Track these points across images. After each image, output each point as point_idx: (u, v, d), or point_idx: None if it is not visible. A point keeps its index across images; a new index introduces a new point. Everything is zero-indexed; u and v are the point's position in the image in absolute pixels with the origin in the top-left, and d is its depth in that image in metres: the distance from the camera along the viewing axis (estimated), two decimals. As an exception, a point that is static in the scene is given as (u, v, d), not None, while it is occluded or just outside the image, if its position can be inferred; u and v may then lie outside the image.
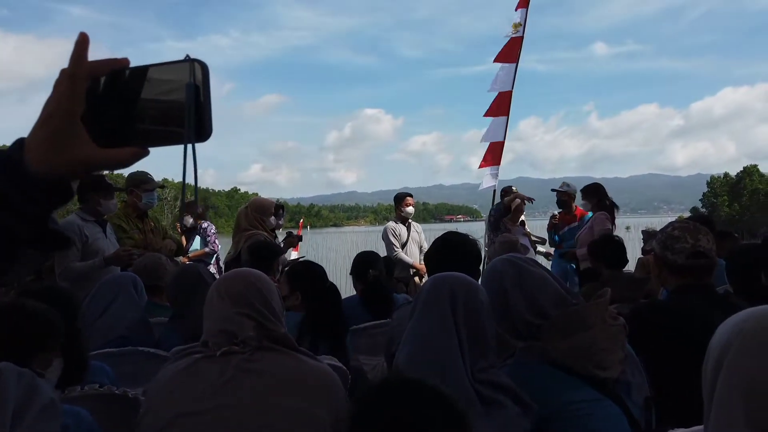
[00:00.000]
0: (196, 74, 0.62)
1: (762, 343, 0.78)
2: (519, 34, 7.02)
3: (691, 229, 2.04)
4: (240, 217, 4.24)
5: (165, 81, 0.63)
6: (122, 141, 0.63)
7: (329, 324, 2.40)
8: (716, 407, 0.80)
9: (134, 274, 2.68)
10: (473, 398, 1.34)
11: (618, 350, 1.51)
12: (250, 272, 1.62)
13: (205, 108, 0.62)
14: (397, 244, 5.55)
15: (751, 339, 0.79)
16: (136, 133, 0.63)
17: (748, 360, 0.78)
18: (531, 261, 1.70)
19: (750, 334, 0.79)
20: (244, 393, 1.37)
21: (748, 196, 59.56)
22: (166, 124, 0.62)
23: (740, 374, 0.78)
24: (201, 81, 0.62)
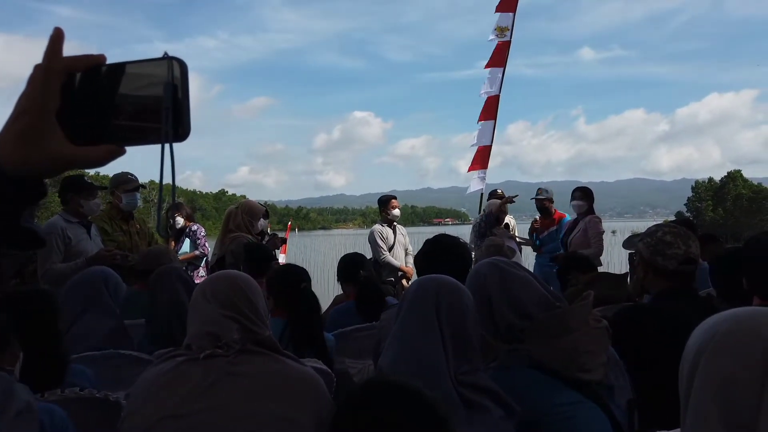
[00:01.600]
0: (175, 72, 0.61)
1: (736, 345, 0.79)
2: (506, 38, 7.07)
3: (682, 234, 2.05)
4: (229, 218, 4.21)
5: (143, 79, 0.61)
6: (98, 139, 0.62)
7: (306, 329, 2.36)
8: (692, 408, 0.81)
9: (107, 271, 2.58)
10: (456, 401, 1.34)
11: (601, 353, 1.51)
12: (236, 274, 1.60)
13: (184, 107, 0.61)
14: (384, 247, 5.54)
15: (726, 341, 0.79)
16: (113, 132, 0.62)
17: (722, 361, 0.79)
18: (514, 264, 1.70)
19: (724, 336, 0.80)
20: (227, 397, 1.35)
21: (732, 200, 60.32)
22: (143, 123, 0.61)
23: (715, 376, 0.79)
24: (179, 79, 0.61)
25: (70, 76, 0.62)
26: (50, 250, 3.60)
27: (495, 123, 7.30)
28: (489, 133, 7.31)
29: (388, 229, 5.65)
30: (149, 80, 0.61)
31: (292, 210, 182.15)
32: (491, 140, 7.31)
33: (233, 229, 3.99)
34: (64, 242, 3.68)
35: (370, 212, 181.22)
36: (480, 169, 7.46)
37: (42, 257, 3.61)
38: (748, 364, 0.76)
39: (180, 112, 0.60)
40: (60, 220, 3.74)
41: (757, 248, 2.09)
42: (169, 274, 2.62)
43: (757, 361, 0.76)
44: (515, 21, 7.09)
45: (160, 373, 1.42)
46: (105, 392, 1.82)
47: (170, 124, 0.59)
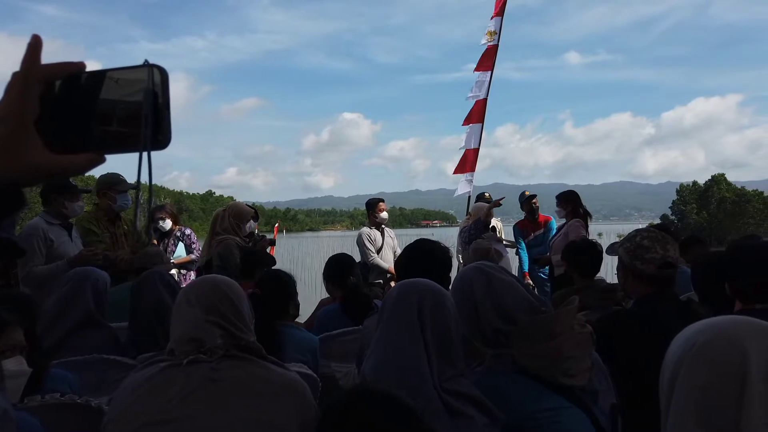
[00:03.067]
0: (155, 80, 0.60)
1: (714, 355, 0.79)
2: (494, 42, 7.11)
3: (660, 239, 2.07)
4: (216, 220, 4.16)
5: (123, 86, 0.61)
6: (77, 147, 0.61)
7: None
8: (672, 417, 0.82)
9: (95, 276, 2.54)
10: (440, 409, 1.33)
11: (585, 358, 1.52)
12: (220, 279, 1.59)
13: (164, 115, 0.60)
14: (372, 250, 5.55)
15: (704, 351, 0.80)
16: (92, 140, 0.61)
17: (701, 371, 0.79)
18: (500, 268, 1.71)
19: (703, 345, 0.81)
20: (209, 403, 1.34)
21: (716, 204, 61.05)
22: (123, 130, 0.60)
23: (694, 385, 0.79)
24: (160, 87, 0.60)
25: (49, 84, 0.61)
26: (32, 253, 3.55)
27: (483, 126, 7.33)
28: (477, 137, 7.34)
29: (376, 231, 5.67)
30: (129, 88, 0.61)
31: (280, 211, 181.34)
32: (479, 143, 7.34)
33: (220, 232, 3.95)
34: (45, 244, 3.63)
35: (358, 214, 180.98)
36: (468, 172, 7.48)
37: (23, 259, 3.56)
38: (726, 374, 0.77)
39: (160, 120, 0.60)
40: (41, 222, 3.69)
41: (739, 253, 2.11)
42: (153, 278, 2.60)
43: (734, 370, 0.77)
44: (503, 24, 7.14)
45: (142, 379, 1.41)
46: (86, 398, 1.80)
47: (150, 131, 0.59)
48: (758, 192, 62.37)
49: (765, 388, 0.75)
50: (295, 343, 2.40)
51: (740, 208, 58.88)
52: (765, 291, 1.93)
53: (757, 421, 0.73)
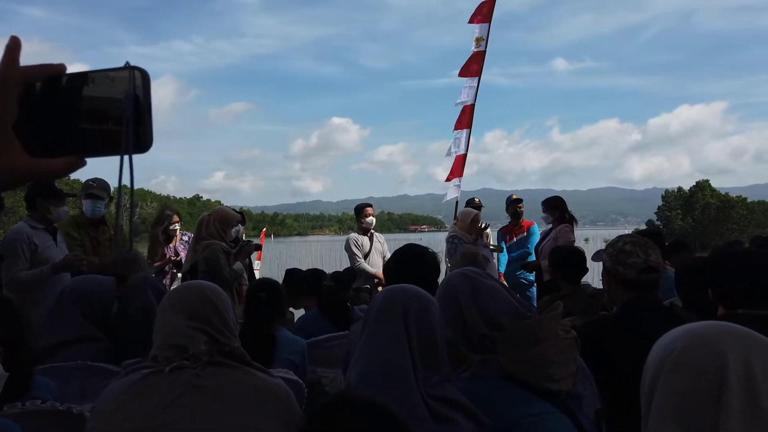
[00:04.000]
0: (137, 82, 0.60)
1: (693, 361, 0.80)
2: (481, 48, 7.15)
3: (641, 243, 2.08)
4: (201, 225, 4.13)
5: (104, 89, 0.60)
6: (57, 150, 0.60)
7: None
8: (652, 420, 0.82)
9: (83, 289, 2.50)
10: (425, 415, 1.33)
11: (570, 363, 1.53)
12: (204, 285, 1.58)
13: (145, 118, 0.60)
14: (359, 255, 5.57)
15: (683, 357, 0.81)
16: (72, 143, 0.61)
17: (680, 377, 0.80)
18: (485, 274, 1.71)
19: (682, 351, 0.82)
20: (192, 410, 1.33)
21: (700, 209, 61.77)
22: (104, 134, 0.60)
23: (673, 390, 0.80)
24: (141, 90, 0.60)
25: (29, 86, 0.60)
26: (16, 257, 3.51)
27: (470, 132, 7.37)
28: (465, 142, 7.37)
29: (363, 237, 5.69)
30: (110, 90, 0.60)
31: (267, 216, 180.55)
32: (467, 149, 7.37)
33: (206, 237, 3.92)
34: (30, 249, 3.58)
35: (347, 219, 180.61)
36: (456, 177, 7.51)
37: (7, 264, 3.52)
38: (705, 380, 0.78)
39: (142, 123, 0.59)
40: (25, 227, 3.64)
41: (722, 259, 2.13)
42: (143, 284, 2.57)
43: (713, 376, 0.77)
44: (490, 31, 7.18)
45: (125, 386, 1.39)
46: (68, 405, 1.77)
47: (131, 135, 0.58)
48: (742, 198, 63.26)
49: (743, 394, 0.76)
50: (286, 345, 2.42)
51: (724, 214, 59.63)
52: (747, 296, 1.95)
53: (734, 426, 0.74)
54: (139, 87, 0.60)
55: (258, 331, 2.18)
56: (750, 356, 0.77)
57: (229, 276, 3.81)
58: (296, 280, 3.43)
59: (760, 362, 0.77)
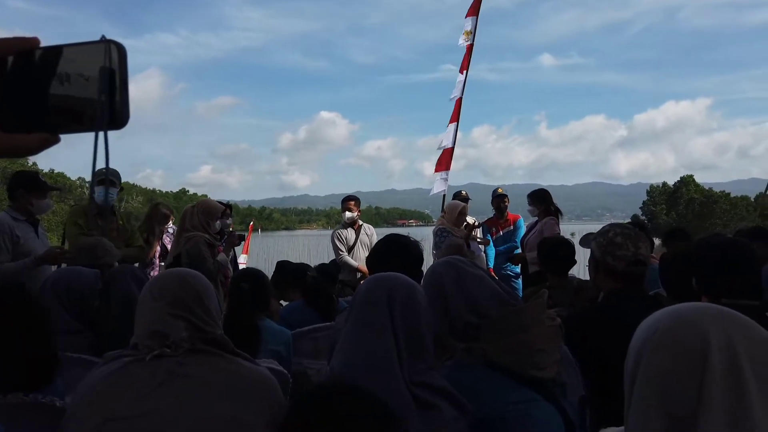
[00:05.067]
0: (113, 56, 0.58)
1: (676, 341, 0.80)
2: (470, 41, 7.17)
3: (632, 236, 2.09)
4: (185, 217, 4.09)
5: (79, 63, 0.58)
6: (30, 126, 0.59)
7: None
8: (634, 403, 0.82)
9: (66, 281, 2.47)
10: (409, 401, 1.33)
11: (554, 351, 1.53)
12: (185, 272, 1.56)
13: (122, 93, 0.58)
14: (342, 248, 5.60)
15: (666, 337, 0.81)
16: (46, 119, 0.59)
17: (662, 357, 0.80)
18: (470, 263, 1.71)
19: (665, 332, 0.82)
20: (174, 398, 1.31)
21: (684, 204, 62.43)
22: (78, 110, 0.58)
23: (655, 371, 0.80)
24: (117, 64, 0.58)
25: (1, 61, 0.58)
26: (-2, 249, 3.46)
27: (457, 125, 7.38)
28: (452, 136, 7.39)
29: (348, 230, 5.71)
30: (86, 65, 0.58)
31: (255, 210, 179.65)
32: (453, 142, 7.39)
33: (189, 229, 3.88)
34: (12, 241, 3.54)
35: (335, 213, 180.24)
36: (444, 170, 7.53)
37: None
38: (687, 360, 0.78)
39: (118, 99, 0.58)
40: (7, 218, 3.59)
41: (706, 249, 2.16)
42: (123, 273, 2.54)
43: (696, 356, 0.78)
44: (477, 24, 7.19)
45: (105, 375, 1.37)
46: (51, 397, 1.74)
47: (106, 110, 0.57)
48: (725, 193, 64.04)
49: (725, 374, 0.76)
50: (271, 335, 2.41)
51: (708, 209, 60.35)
52: (730, 286, 1.98)
53: (716, 406, 0.74)
54: (114, 61, 0.58)
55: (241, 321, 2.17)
56: (733, 336, 0.78)
57: (213, 268, 3.78)
58: (285, 272, 3.42)
59: (743, 343, 0.77)
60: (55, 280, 2.44)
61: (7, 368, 1.60)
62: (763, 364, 0.76)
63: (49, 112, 0.58)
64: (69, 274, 2.51)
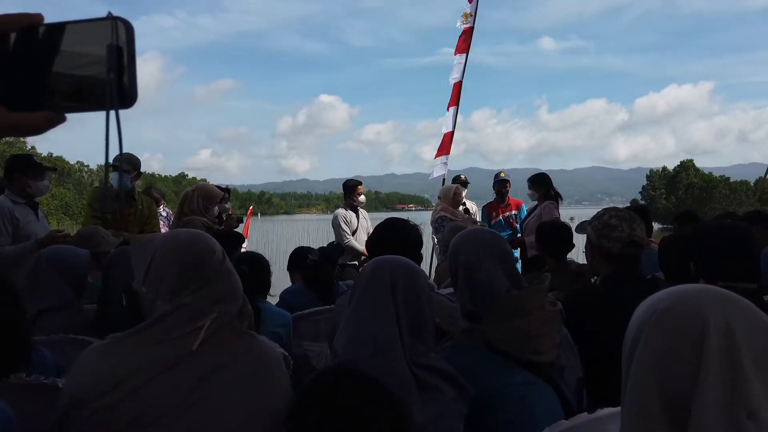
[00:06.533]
0: (120, 34, 0.56)
1: (674, 321, 0.81)
2: (470, 24, 7.10)
3: (627, 218, 2.10)
4: (184, 201, 4.07)
5: (85, 41, 0.57)
6: (35, 105, 0.58)
7: None
8: (631, 383, 0.83)
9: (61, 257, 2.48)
10: (411, 382, 1.34)
11: (554, 335, 1.55)
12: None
13: (130, 71, 0.57)
14: (348, 231, 5.55)
15: (665, 318, 0.82)
16: (51, 97, 0.58)
17: (661, 338, 0.81)
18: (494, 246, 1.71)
19: (663, 313, 0.82)
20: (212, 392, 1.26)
21: (684, 189, 62.41)
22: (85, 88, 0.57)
23: (653, 350, 0.81)
24: (125, 42, 0.57)
25: (3, 37, 0.58)
26: (-2, 232, 3.46)
27: (457, 109, 7.34)
28: (452, 119, 7.35)
29: (351, 213, 5.67)
30: (92, 42, 0.57)
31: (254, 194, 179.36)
32: (453, 126, 7.35)
33: (188, 213, 3.86)
34: (12, 224, 3.53)
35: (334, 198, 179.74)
36: (444, 154, 7.50)
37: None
38: (685, 341, 0.79)
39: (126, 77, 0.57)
40: (6, 201, 3.58)
41: (704, 232, 2.16)
42: (125, 257, 2.55)
43: (694, 338, 0.78)
44: (478, 7, 7.12)
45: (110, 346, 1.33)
46: (53, 378, 1.76)
47: (115, 89, 0.56)
48: (725, 178, 63.96)
49: (723, 356, 0.77)
50: (271, 318, 2.43)
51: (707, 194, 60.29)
52: (728, 269, 1.98)
53: (713, 387, 0.75)
54: (122, 39, 0.57)
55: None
56: (732, 319, 0.78)
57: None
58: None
59: (741, 325, 0.78)
60: (49, 254, 2.45)
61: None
62: (761, 346, 0.77)
63: (53, 91, 0.58)
64: (62, 250, 2.53)
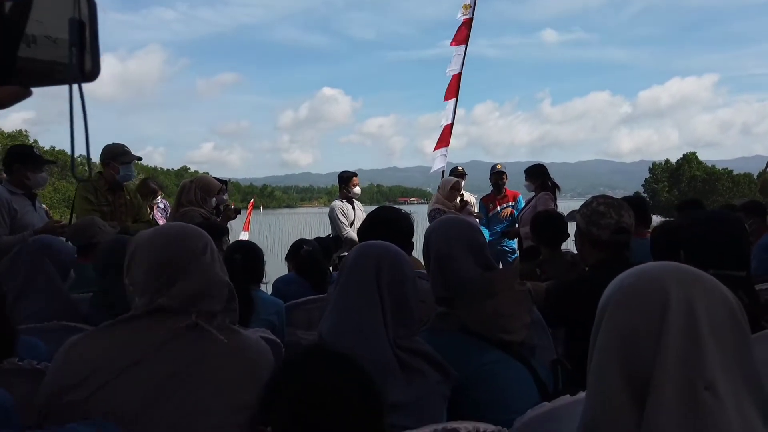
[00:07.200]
0: (82, 9, 0.58)
1: (637, 296, 0.82)
2: (469, 15, 7.07)
3: (615, 205, 2.11)
4: (182, 192, 4.10)
5: (49, 17, 0.58)
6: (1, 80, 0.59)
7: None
8: (596, 353, 0.85)
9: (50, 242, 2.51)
10: (395, 366, 1.36)
11: (524, 315, 1.57)
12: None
13: (92, 46, 0.58)
14: (346, 223, 5.56)
15: (629, 293, 0.83)
16: (17, 72, 0.59)
17: (623, 314, 0.82)
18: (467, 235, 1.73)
19: (628, 288, 0.84)
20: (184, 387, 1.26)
21: (686, 182, 62.21)
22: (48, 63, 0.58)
23: (618, 323, 0.83)
24: (87, 17, 0.58)
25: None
26: (-4, 222, 3.49)
27: (456, 101, 7.33)
28: (451, 112, 7.34)
29: (347, 204, 5.68)
30: (56, 18, 0.58)
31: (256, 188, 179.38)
32: (453, 118, 7.34)
33: (185, 204, 3.88)
34: (9, 214, 3.56)
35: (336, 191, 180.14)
36: (443, 147, 7.50)
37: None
38: (646, 316, 0.80)
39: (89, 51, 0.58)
40: (4, 191, 3.60)
41: (694, 221, 2.18)
42: (121, 244, 2.57)
43: (656, 313, 0.80)
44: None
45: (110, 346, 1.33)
46: (45, 363, 1.77)
47: (76, 63, 0.57)
48: (728, 171, 63.74)
49: (682, 332, 0.78)
50: (264, 305, 2.45)
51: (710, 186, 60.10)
52: (717, 258, 2.00)
53: (671, 363, 0.76)
54: (84, 14, 0.58)
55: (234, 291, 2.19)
56: (693, 295, 0.79)
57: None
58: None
59: (702, 302, 0.79)
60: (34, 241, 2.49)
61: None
62: (721, 323, 0.78)
63: (19, 66, 0.59)
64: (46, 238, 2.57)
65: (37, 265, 2.35)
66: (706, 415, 0.73)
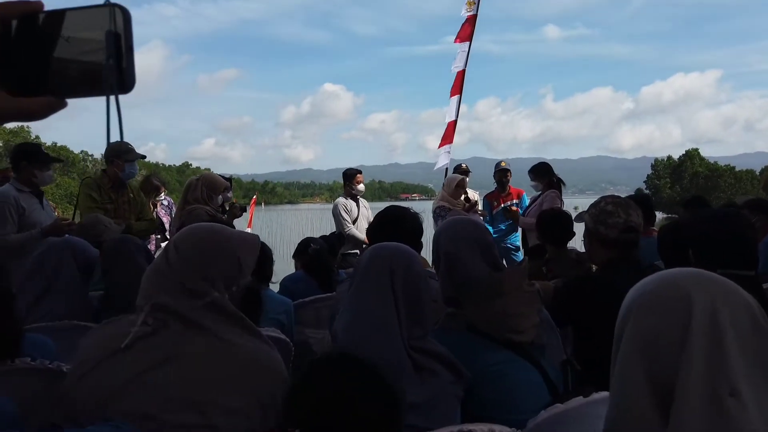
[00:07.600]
0: (117, 21, 0.58)
1: (661, 304, 0.83)
2: (473, 12, 7.06)
3: (623, 204, 2.11)
4: (188, 190, 4.10)
5: (84, 27, 0.59)
6: (36, 91, 0.59)
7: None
8: (620, 359, 0.85)
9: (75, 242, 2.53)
10: (408, 366, 1.37)
11: (533, 315, 1.58)
12: None
13: (128, 57, 0.59)
14: (348, 220, 5.56)
15: (652, 300, 0.84)
16: (52, 83, 0.59)
17: (648, 320, 0.83)
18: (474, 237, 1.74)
19: (651, 294, 0.84)
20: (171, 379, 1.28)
21: (688, 178, 62.10)
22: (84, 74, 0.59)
23: (641, 329, 0.83)
24: (122, 28, 0.58)
25: (5, 24, 0.59)
26: (4, 220, 3.49)
27: (460, 98, 7.33)
28: (455, 108, 7.34)
29: (351, 202, 5.67)
30: (91, 29, 0.58)
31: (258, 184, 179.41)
32: (456, 115, 7.34)
33: (191, 201, 3.89)
34: (17, 212, 3.57)
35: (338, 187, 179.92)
36: (447, 144, 7.50)
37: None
38: (671, 322, 0.80)
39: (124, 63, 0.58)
40: (12, 189, 3.62)
41: (702, 221, 2.17)
42: (127, 243, 2.58)
43: (680, 319, 0.80)
44: (482, -5, 7.08)
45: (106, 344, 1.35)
46: (58, 363, 1.79)
47: (114, 75, 0.57)
48: (730, 167, 63.59)
49: (707, 339, 0.78)
50: (272, 304, 2.45)
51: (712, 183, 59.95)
52: (725, 257, 2.00)
53: (696, 370, 0.76)
54: (119, 25, 0.58)
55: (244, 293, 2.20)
56: (718, 302, 0.80)
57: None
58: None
59: (726, 307, 0.79)
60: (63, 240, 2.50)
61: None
62: (745, 328, 0.78)
63: (54, 77, 0.59)
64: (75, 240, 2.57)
65: (62, 264, 2.36)
66: (731, 421, 0.73)
